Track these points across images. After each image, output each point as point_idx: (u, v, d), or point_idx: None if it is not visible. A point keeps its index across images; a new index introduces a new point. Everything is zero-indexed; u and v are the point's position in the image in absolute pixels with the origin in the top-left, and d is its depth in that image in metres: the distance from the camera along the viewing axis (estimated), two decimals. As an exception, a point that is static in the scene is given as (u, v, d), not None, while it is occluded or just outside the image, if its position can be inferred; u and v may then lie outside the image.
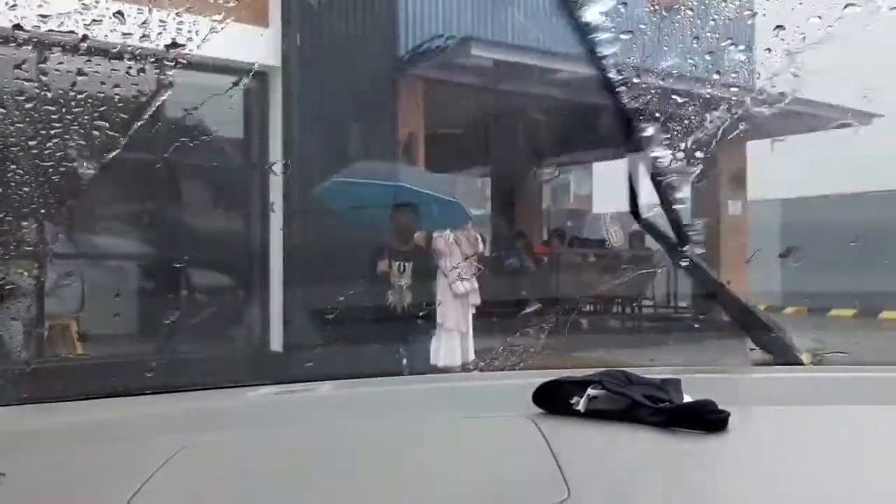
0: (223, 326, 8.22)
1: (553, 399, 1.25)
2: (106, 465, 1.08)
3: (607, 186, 12.71)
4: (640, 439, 1.10)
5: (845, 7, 2.52)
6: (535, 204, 13.46)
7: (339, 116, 8.14)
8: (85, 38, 2.99)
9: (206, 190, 8.32)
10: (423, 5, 9.16)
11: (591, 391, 1.21)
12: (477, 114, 9.34)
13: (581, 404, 1.20)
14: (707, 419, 1.13)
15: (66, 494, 1.00)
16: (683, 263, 1.75)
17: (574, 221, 13.87)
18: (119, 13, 3.06)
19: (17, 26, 2.79)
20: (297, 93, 8.06)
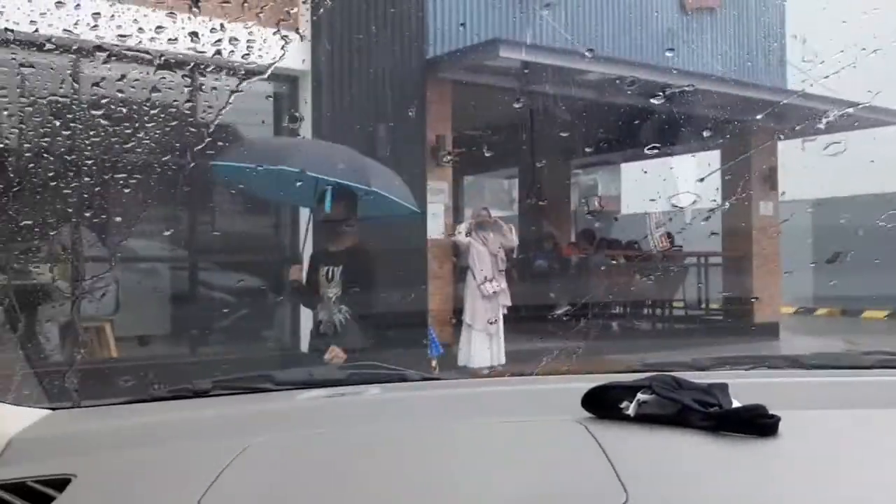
0: (255, 329, 8.30)
1: (602, 403, 1.25)
2: (173, 466, 1.10)
3: (636, 187, 12.66)
4: (692, 443, 1.10)
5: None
6: (563, 205, 13.43)
7: (368, 120, 8.19)
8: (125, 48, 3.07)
9: (237, 193, 8.39)
10: (452, 8, 9.19)
11: (641, 396, 1.21)
12: (505, 115, 9.33)
13: (631, 409, 1.20)
14: (758, 423, 1.13)
15: (136, 495, 1.02)
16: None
17: (603, 222, 13.80)
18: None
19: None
20: (327, 96, 8.12)
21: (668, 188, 8.74)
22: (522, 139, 9.94)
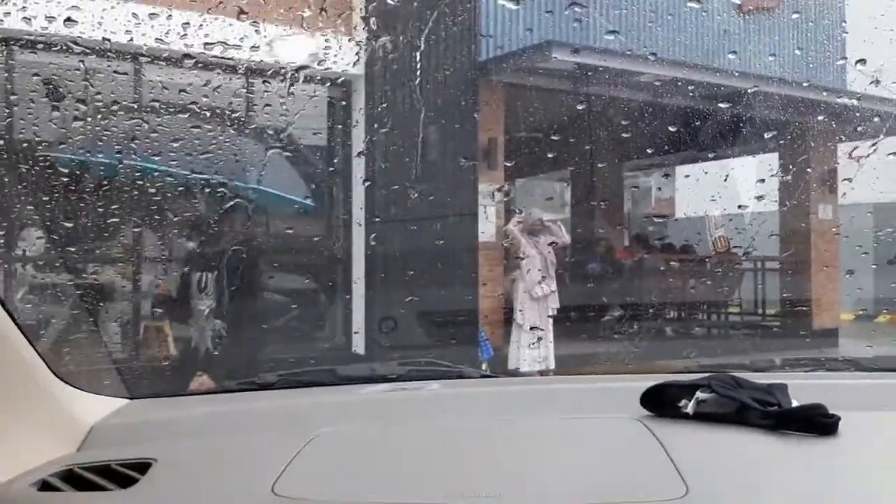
0: (309, 330, 8.43)
1: (660, 401, 1.27)
2: (246, 453, 1.16)
3: (690, 190, 12.49)
4: (751, 440, 1.11)
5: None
6: (616, 208, 13.32)
7: (420, 123, 8.25)
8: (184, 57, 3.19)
9: (291, 198, 8.53)
10: (505, 10, 9.21)
11: (699, 394, 1.23)
12: (557, 118, 9.32)
13: (690, 407, 1.22)
14: (818, 422, 1.13)
15: (214, 478, 1.07)
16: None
17: (656, 225, 13.64)
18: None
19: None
20: (380, 100, 8.21)
21: (724, 191, 8.61)
22: (575, 142, 9.90)
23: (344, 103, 8.34)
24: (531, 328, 7.92)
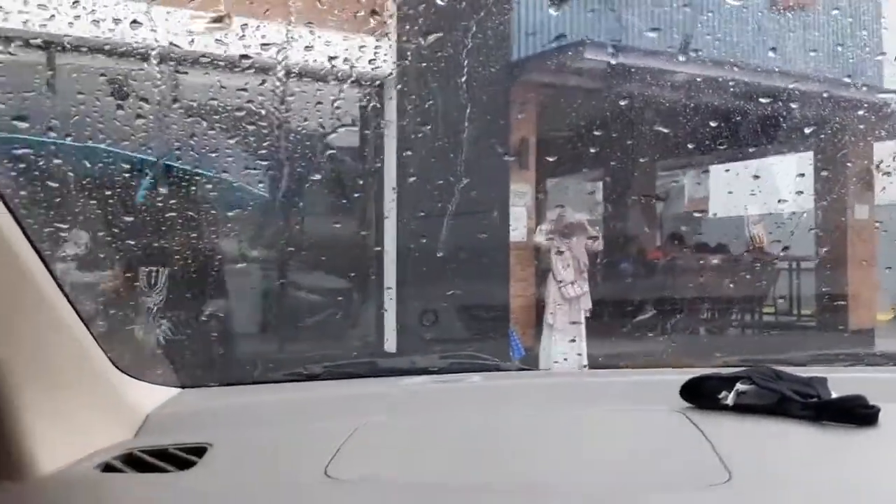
0: (341, 328, 8.51)
1: (700, 393, 1.29)
2: (297, 440, 1.20)
3: (725, 189, 12.37)
4: (792, 430, 1.13)
5: None
6: (649, 206, 13.24)
7: (452, 123, 8.28)
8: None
9: (325, 197, 8.62)
10: (537, 10, 9.21)
11: (739, 386, 1.25)
12: (590, 117, 9.29)
13: (730, 398, 1.24)
14: (858, 413, 1.15)
15: (269, 462, 1.12)
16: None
17: (689, 225, 13.54)
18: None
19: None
20: (412, 100, 8.26)
21: (758, 190, 8.54)
22: (608, 141, 9.87)
23: (376, 103, 8.40)
24: (563, 328, 7.91)
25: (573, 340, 7.91)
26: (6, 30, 3.55)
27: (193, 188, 4.78)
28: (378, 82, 8.22)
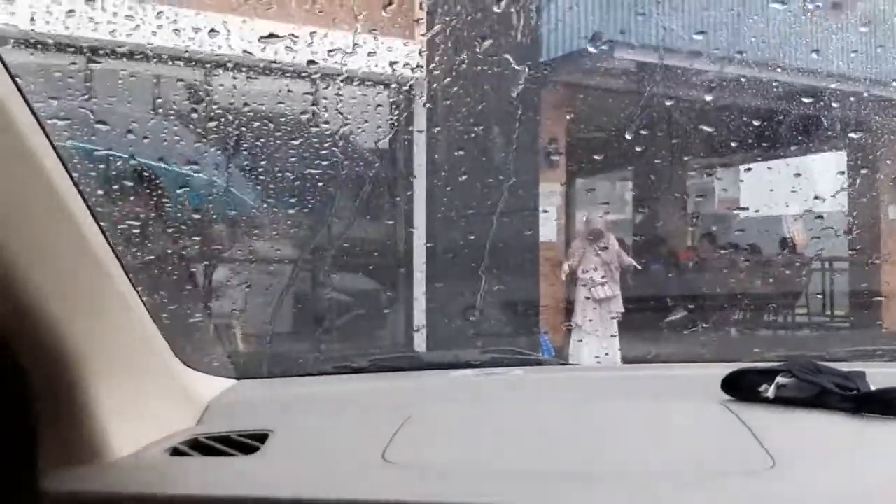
0: (371, 328, 8.58)
1: (740, 387, 1.32)
2: (353, 427, 1.25)
3: (756, 189, 12.27)
4: (833, 421, 1.16)
5: None
6: (680, 207, 13.16)
7: (482, 124, 8.31)
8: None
9: (354, 199, 8.69)
10: (566, 10, 9.21)
11: (780, 379, 1.27)
12: (619, 117, 9.28)
13: (770, 391, 1.27)
14: (898, 405, 1.17)
15: (328, 447, 1.17)
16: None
17: (720, 225, 13.45)
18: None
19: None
20: (441, 102, 8.30)
21: (791, 190, 8.46)
22: (637, 141, 9.84)
23: (407, 105, 8.45)
24: (592, 332, 7.89)
25: (604, 341, 7.88)
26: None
27: (247, 189, 4.96)
28: (408, 84, 8.28)
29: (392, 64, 6.38)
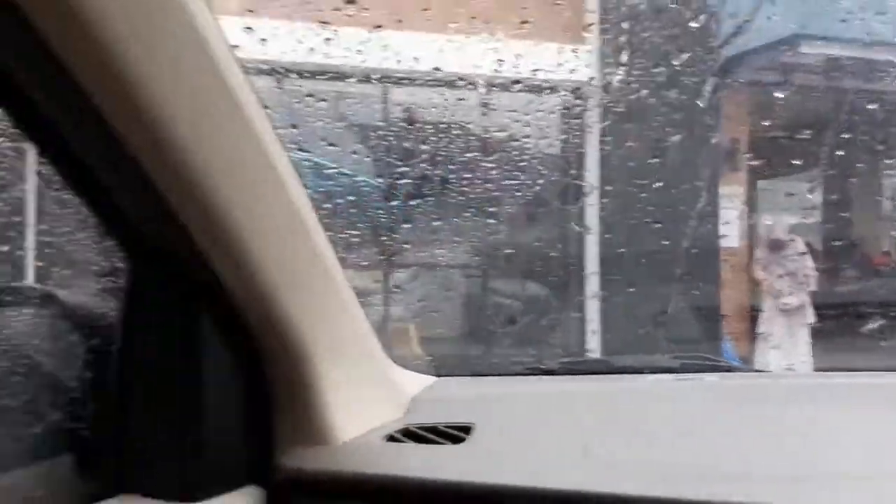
0: (543, 333, 8.61)
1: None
2: (553, 423, 1.31)
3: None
4: None
5: None
6: (874, 210, 12.26)
7: (658, 127, 8.15)
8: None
9: (526, 205, 8.76)
10: (744, 5, 8.84)
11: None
12: (805, 115, 8.79)
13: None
14: None
15: (530, 438, 1.24)
16: None
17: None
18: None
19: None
20: (614, 105, 8.22)
21: None
22: (825, 140, 9.29)
23: (577, 109, 8.44)
24: (779, 342, 7.53)
25: (795, 349, 7.50)
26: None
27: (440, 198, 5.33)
28: (577, 88, 8.25)
29: (560, 66, 6.45)
